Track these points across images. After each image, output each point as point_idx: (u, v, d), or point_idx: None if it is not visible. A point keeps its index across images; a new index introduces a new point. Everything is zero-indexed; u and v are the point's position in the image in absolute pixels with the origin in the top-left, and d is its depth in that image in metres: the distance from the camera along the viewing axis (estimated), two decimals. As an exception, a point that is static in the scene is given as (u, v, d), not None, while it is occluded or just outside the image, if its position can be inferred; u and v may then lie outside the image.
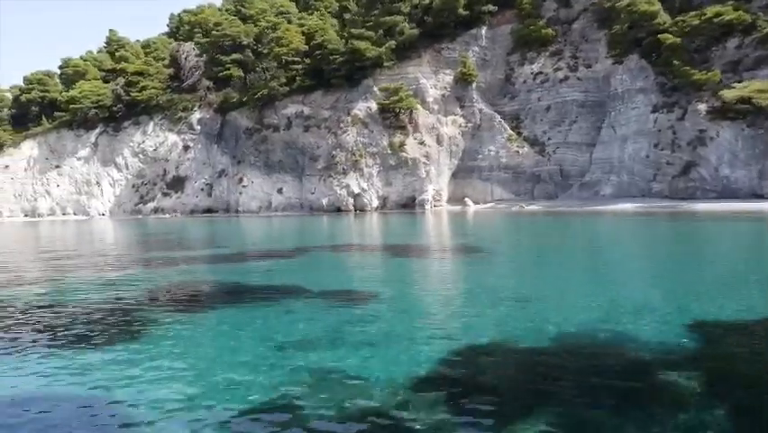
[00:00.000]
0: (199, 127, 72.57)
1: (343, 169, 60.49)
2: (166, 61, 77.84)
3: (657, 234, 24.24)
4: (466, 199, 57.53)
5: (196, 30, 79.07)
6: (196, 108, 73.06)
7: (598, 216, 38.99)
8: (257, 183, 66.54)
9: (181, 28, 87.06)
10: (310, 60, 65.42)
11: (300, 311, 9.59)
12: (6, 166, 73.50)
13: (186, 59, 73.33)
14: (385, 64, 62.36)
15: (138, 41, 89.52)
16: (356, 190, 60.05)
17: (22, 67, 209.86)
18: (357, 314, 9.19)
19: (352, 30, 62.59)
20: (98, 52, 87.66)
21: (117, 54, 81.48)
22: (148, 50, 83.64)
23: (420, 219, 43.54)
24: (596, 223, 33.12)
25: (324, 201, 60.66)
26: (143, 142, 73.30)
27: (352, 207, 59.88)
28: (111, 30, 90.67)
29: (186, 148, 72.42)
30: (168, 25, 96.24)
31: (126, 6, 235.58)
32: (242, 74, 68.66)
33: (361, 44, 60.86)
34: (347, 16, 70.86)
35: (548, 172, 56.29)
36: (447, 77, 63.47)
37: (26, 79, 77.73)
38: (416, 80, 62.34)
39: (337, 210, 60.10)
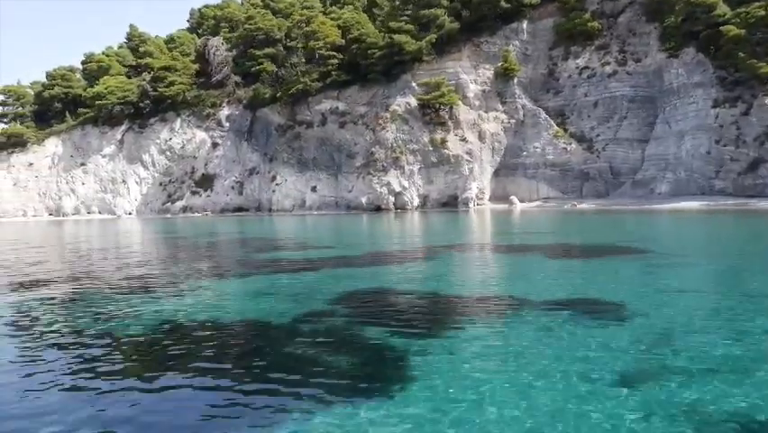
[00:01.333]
0: (228, 124, 70.79)
1: (383, 166, 58.73)
2: (191, 57, 75.99)
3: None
4: (512, 198, 55.76)
5: (222, 24, 77.27)
6: (224, 104, 71.27)
7: (667, 214, 37.27)
8: (290, 181, 64.76)
9: (205, 23, 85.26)
10: (346, 55, 63.58)
11: (573, 329, 7.74)
12: (30, 164, 71.66)
13: (214, 53, 71.44)
14: (424, 59, 60.59)
15: (157, 36, 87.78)
16: (397, 188, 58.30)
17: (35, 63, 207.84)
18: (648, 332, 7.41)
19: (391, 23, 60.77)
20: (119, 48, 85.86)
21: (141, 49, 79.68)
22: (171, 45, 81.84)
23: (477, 218, 41.77)
24: (680, 221, 31.37)
25: (364, 199, 58.88)
26: (170, 139, 71.49)
27: (392, 206, 58.14)
28: (131, 25, 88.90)
29: (214, 145, 70.64)
30: (188, 20, 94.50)
31: (140, 2, 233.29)
32: (276, 69, 66.79)
33: (401, 38, 59.06)
34: (376, 11, 69.20)
35: (597, 170, 54.58)
36: (487, 72, 61.72)
37: (49, 75, 75.86)
38: (455, 75, 60.57)
39: (377, 209, 58.35)
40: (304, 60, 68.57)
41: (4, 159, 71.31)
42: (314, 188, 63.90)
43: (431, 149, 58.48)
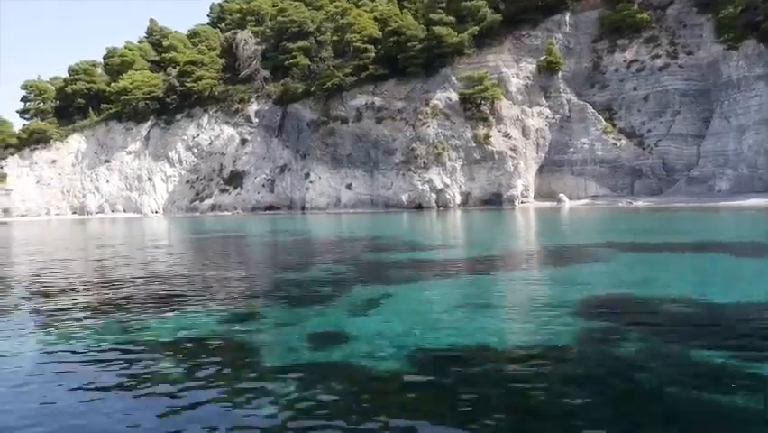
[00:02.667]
0: (257, 120, 68.87)
1: (424, 163, 56.82)
2: (217, 51, 74.00)
3: None
4: (561, 195, 53.84)
5: (248, 18, 75.24)
6: (253, 100, 69.35)
7: (738, 211, 35.27)
8: (324, 179, 62.79)
9: (227, 17, 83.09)
10: (383, 48, 61.62)
11: None
12: (53, 161, 69.68)
13: (243, 47, 69.44)
14: (465, 52, 58.67)
15: (176, 32, 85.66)
16: (439, 186, 56.40)
17: (48, 61, 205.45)
18: None
19: (431, 15, 58.82)
20: (140, 43, 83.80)
21: (165, 44, 77.68)
22: (194, 39, 79.78)
23: (537, 216, 39.82)
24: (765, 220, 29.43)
25: (404, 197, 56.96)
26: (198, 135, 69.55)
27: (434, 204, 56.23)
28: (151, 20, 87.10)
29: (243, 141, 68.71)
30: (208, 15, 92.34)
31: None
32: (309, 62, 64.84)
33: (442, 30, 57.15)
34: (407, 3, 67.23)
35: (650, 166, 52.66)
36: (529, 65, 59.83)
37: (71, 70, 73.82)
38: (496, 69, 58.65)
39: (418, 207, 56.44)
40: (332, 55, 66.80)
41: (27, 156, 69.35)
42: (349, 186, 61.93)
43: (473, 145, 56.56)
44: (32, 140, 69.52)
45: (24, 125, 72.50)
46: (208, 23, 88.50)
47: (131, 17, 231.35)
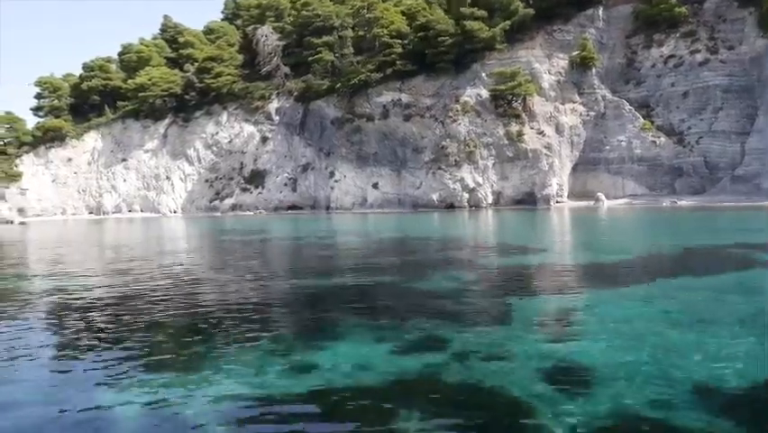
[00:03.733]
0: (278, 117, 67.13)
1: (455, 161, 55.12)
2: (235, 47, 72.25)
3: None
4: (599, 195, 52.12)
5: (268, 13, 73.45)
6: (273, 97, 67.59)
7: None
8: (349, 177, 61.06)
9: (243, 13, 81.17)
10: (410, 43, 59.95)
11: None
12: (69, 159, 67.91)
13: (263, 43, 67.69)
14: (497, 47, 57.00)
15: (191, 29, 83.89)
16: (471, 185, 54.69)
17: (60, 59, 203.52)
18: None
19: (462, 9, 57.13)
20: (154, 39, 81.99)
21: (181, 40, 75.95)
22: (211, 36, 78.01)
23: (585, 217, 38.15)
24: None
25: (435, 196, 55.27)
26: (217, 133, 67.81)
27: (466, 203, 54.53)
28: (165, 16, 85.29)
29: (264, 140, 66.97)
30: (222, 11, 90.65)
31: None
32: (334, 58, 63.14)
33: (474, 25, 55.50)
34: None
35: (691, 165, 51.00)
36: (561, 61, 58.17)
37: (86, 66, 72.04)
38: (528, 65, 56.95)
39: (449, 207, 54.73)
40: (353, 51, 65.17)
41: (42, 154, 67.58)
42: (375, 185, 60.21)
43: (506, 143, 54.88)
44: (46, 138, 67.75)
45: (39, 123, 70.73)
46: (222, 20, 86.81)
47: (140, 15, 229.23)
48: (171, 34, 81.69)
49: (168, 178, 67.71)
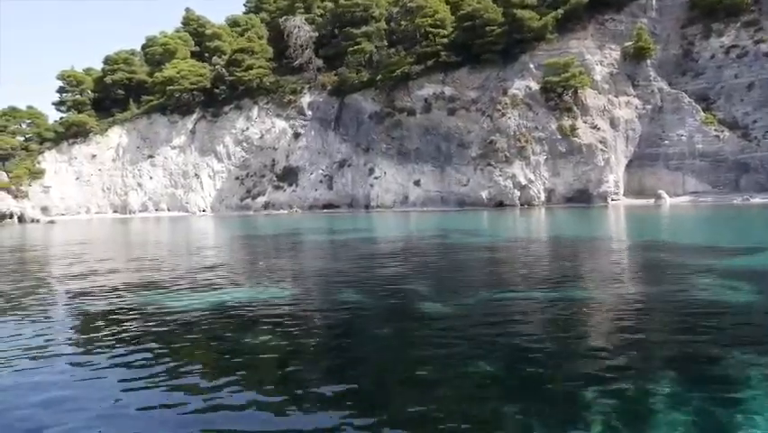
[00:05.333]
0: (310, 112, 64.45)
1: (506, 157, 52.47)
2: (263, 40, 69.53)
3: None
4: (660, 192, 49.43)
5: (297, 4, 70.75)
6: (305, 90, 64.92)
7: None
8: (390, 174, 58.39)
9: (271, 4, 78.39)
10: (454, 33, 57.29)
11: None
12: (93, 155, 65.19)
13: (296, 35, 64.99)
14: (548, 37, 54.37)
15: (215, 21, 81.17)
16: (522, 181, 52.04)
17: (74, 55, 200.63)
18: None
19: (510, -3, 54.47)
20: (176, 32, 79.27)
21: (207, 32, 73.32)
22: (236, 29, 75.32)
23: (661, 215, 35.49)
24: None
25: (484, 194, 52.59)
26: (247, 128, 65.11)
27: (517, 201, 51.86)
28: (188, 9, 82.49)
29: (296, 135, 64.30)
30: (245, 4, 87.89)
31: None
32: (375, 49, 60.49)
33: (525, 13, 52.86)
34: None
35: (759, 160, 48.30)
36: (613, 52, 55.53)
37: (109, 59, 69.25)
38: (579, 56, 54.27)
39: (499, 204, 52.06)
40: (385, 44, 62.60)
41: (65, 150, 64.88)
42: (417, 182, 57.55)
43: (559, 137, 52.23)
44: (69, 133, 65.02)
45: (61, 118, 68.11)
46: (245, 12, 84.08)
47: (158, 8, 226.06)
48: (194, 27, 79.05)
49: (196, 175, 65.02)
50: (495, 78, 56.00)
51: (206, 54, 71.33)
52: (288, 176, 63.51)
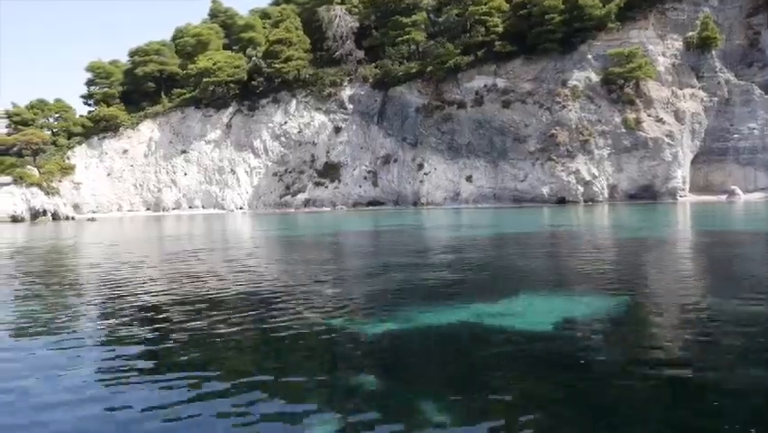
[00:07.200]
0: (351, 106, 61.90)
1: (568, 151, 50.12)
2: (299, 31, 66.84)
3: None
4: (734, 188, 47.19)
5: (335, -6, 67.98)
6: (345, 83, 62.34)
7: None
8: (440, 170, 55.93)
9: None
10: (507, 22, 54.89)
11: None
12: (125, 151, 62.43)
13: (337, 25, 62.42)
14: (609, 26, 52.06)
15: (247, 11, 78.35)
16: (586, 177, 49.68)
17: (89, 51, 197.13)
18: None
19: (570, -16, 52.06)
20: (204, 23, 76.49)
21: (240, 22, 70.70)
22: (266, 20, 72.59)
23: (749, 214, 33.16)
24: None
25: (545, 190, 50.20)
26: (285, 122, 62.49)
27: (581, 198, 49.50)
28: (214, 0, 79.74)
29: (337, 130, 61.74)
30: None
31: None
32: (425, 39, 58.05)
33: (587, 1, 50.47)
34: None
35: (838, 154, 46.19)
36: (675, 42, 53.36)
37: (140, 50, 66.33)
38: (641, 46, 51.95)
39: (560, 201, 49.68)
40: (425, 35, 60.27)
41: (96, 145, 62.10)
42: (468, 178, 55.11)
43: (623, 131, 49.91)
44: (98, 128, 62.22)
45: (90, 112, 65.32)
46: (271, 4, 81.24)
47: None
48: (222, 19, 76.39)
49: (232, 171, 62.36)
50: (552, 69, 53.61)
51: (237, 47, 68.67)
52: (329, 172, 60.97)
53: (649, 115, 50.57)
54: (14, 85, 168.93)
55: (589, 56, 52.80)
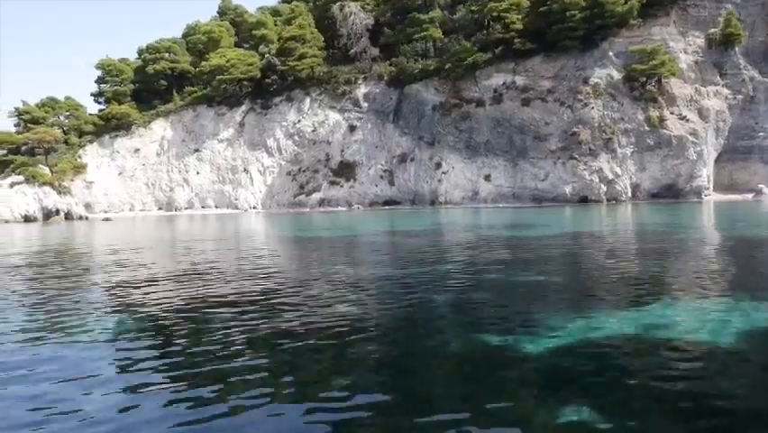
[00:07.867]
0: (366, 104, 61.11)
1: (590, 149, 49.37)
2: (313, 29, 66.05)
3: None
4: (762, 187, 46.48)
5: (346, -9, 67.17)
6: (360, 81, 61.56)
7: None
8: (458, 169, 55.18)
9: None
10: (526, 19, 54.14)
11: None
12: (136, 149, 61.66)
13: (352, 21, 61.63)
14: (631, 23, 51.34)
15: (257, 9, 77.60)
16: (609, 176, 48.93)
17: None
18: None
19: (592, -20, 51.28)
20: (213, 21, 75.71)
21: (251, 20, 69.92)
22: (277, 18, 71.77)
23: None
24: None
25: (567, 189, 49.47)
26: (299, 121, 61.71)
27: (603, 197, 48.75)
28: (224, -3, 78.94)
29: (351, 128, 60.96)
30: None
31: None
32: (442, 36, 57.29)
33: (609, -4, 49.74)
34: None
35: None
36: (697, 39, 52.66)
37: (151, 48, 65.58)
38: (663, 43, 51.22)
39: (582, 200, 48.92)
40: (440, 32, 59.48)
41: (107, 144, 61.35)
42: (487, 177, 54.36)
43: (647, 129, 49.18)
44: (109, 126, 61.46)
45: (101, 110, 64.50)
46: (282, 2, 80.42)
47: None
48: (231, 17, 75.66)
49: (245, 170, 61.58)
50: (572, 66, 52.87)
51: (247, 44, 67.92)
52: (345, 171, 60.19)
53: (672, 113, 49.87)
54: (14, 85, 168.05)
55: (611, 53, 52.09)
